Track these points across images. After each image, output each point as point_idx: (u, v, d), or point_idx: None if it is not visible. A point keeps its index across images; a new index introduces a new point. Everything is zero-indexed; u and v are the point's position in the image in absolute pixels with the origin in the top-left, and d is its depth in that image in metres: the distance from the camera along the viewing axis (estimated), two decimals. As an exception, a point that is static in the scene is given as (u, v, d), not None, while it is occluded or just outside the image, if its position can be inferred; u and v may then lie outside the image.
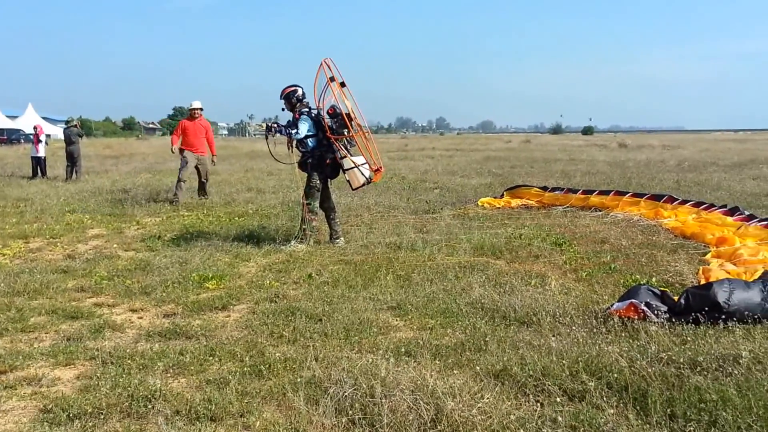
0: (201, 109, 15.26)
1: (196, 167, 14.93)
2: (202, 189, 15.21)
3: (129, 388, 4.18)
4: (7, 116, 78.08)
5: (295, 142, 9.05)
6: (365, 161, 9.15)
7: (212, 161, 15.47)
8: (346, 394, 3.94)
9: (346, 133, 8.95)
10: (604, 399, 3.86)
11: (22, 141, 60.52)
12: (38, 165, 21.72)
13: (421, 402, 3.75)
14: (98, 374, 4.53)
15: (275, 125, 9.13)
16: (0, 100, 79.67)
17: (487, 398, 3.82)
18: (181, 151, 14.86)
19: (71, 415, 3.91)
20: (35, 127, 22.91)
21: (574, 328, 5.07)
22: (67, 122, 22.55)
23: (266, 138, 9.33)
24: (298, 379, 4.28)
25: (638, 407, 3.79)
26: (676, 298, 5.39)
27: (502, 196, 13.93)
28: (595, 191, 12.89)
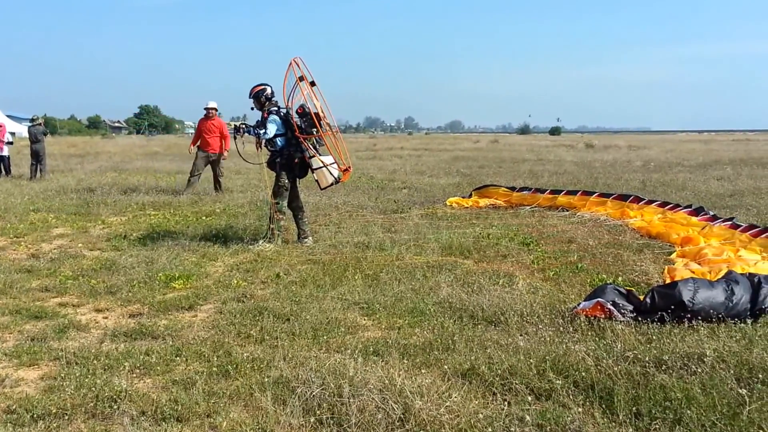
0: (215, 109, 15.82)
1: (211, 164, 15.65)
2: (217, 184, 15.77)
3: (94, 389, 4.12)
4: (-32, 113, 76.56)
5: (263, 142, 9.00)
6: (334, 161, 9.13)
7: (223, 156, 15.93)
8: (314, 393, 3.93)
9: (314, 132, 8.93)
10: (571, 397, 3.90)
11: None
12: (1, 164, 21.30)
13: (389, 401, 3.75)
14: (63, 375, 4.46)
15: (243, 125, 9.09)
16: (-39, 97, 78.23)
17: (455, 397, 3.83)
18: (198, 149, 15.63)
19: (35, 415, 3.86)
20: None
21: (541, 327, 5.11)
22: (32, 120, 22.15)
23: (234, 138, 9.26)
24: (266, 379, 4.26)
25: (604, 406, 3.83)
26: (641, 297, 5.45)
27: (470, 195, 14.00)
28: (563, 191, 13.02)
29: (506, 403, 3.91)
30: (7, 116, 72.67)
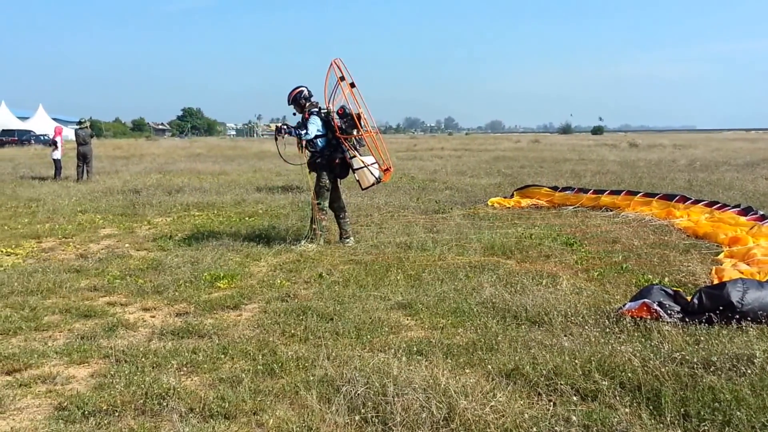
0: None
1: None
2: None
3: (143, 386, 4.20)
4: (18, 117, 78.43)
5: (304, 142, 9.06)
6: (375, 161, 9.16)
7: None
8: (359, 392, 3.95)
9: (355, 132, 8.97)
10: (617, 398, 3.85)
11: (33, 142, 60.76)
12: (56, 166, 21.75)
13: (433, 400, 3.75)
14: (112, 372, 4.55)
15: (285, 126, 9.16)
16: (11, 101, 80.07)
17: (500, 397, 3.82)
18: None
19: (86, 412, 3.94)
20: (55, 129, 22.85)
21: (586, 327, 5.06)
22: (80, 123, 22.61)
23: (276, 139, 9.34)
24: (311, 378, 4.30)
25: (651, 407, 3.78)
26: (689, 298, 5.37)
27: (512, 196, 13.92)
28: (606, 191, 12.87)
29: (552, 403, 3.89)
30: (54, 119, 74.34)
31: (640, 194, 12.12)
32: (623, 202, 11.93)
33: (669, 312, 5.22)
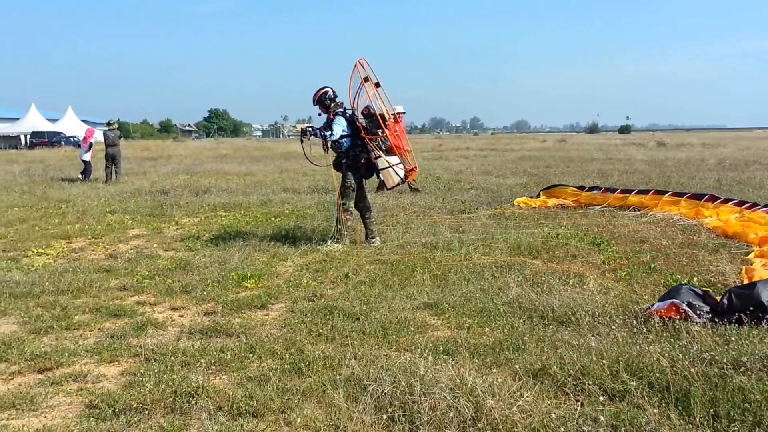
0: (404, 113, 15.50)
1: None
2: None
3: (172, 384, 4.25)
4: (48, 119, 79.50)
5: (329, 143, 9.10)
6: (399, 161, 9.17)
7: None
8: (386, 391, 3.96)
9: (380, 133, 8.99)
10: (646, 399, 3.82)
11: (63, 143, 61.56)
12: (85, 168, 21.99)
13: (460, 400, 3.76)
14: (142, 371, 4.61)
15: (310, 128, 9.20)
16: (41, 103, 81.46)
17: (527, 397, 3.81)
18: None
19: (116, 410, 3.99)
20: (87, 131, 23.04)
21: (613, 327, 5.03)
22: (108, 124, 22.88)
23: (301, 141, 9.37)
24: (338, 377, 4.32)
25: (680, 407, 3.75)
26: (718, 298, 5.32)
27: (538, 195, 13.85)
28: (634, 190, 12.77)
29: (579, 403, 3.87)
30: (83, 121, 75.29)
31: (669, 194, 12.01)
32: (651, 201, 11.82)
33: (698, 312, 5.17)
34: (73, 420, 3.94)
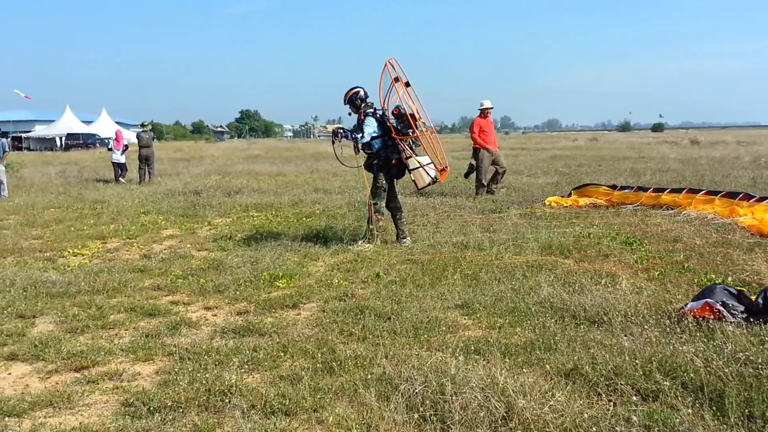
0: (492, 108, 15.94)
1: (493, 161, 15.57)
2: (495, 179, 15.74)
3: (206, 383, 4.30)
4: (83, 121, 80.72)
5: (360, 144, 9.13)
6: (430, 161, 9.17)
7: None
8: (417, 391, 3.97)
9: (410, 133, 8.99)
10: (679, 399, 3.79)
11: (98, 145, 62.48)
12: (118, 169, 22.27)
13: (491, 399, 3.76)
14: (176, 369, 4.68)
15: (341, 130, 9.22)
16: (76, 106, 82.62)
17: (559, 397, 3.80)
18: (476, 150, 15.53)
19: (151, 408, 4.05)
20: (117, 133, 23.26)
21: (646, 327, 4.98)
22: (142, 125, 23.17)
23: (333, 143, 9.38)
24: (369, 376, 4.34)
25: (714, 407, 3.71)
26: (753, 297, 5.24)
27: (569, 194, 13.75)
28: (667, 189, 12.60)
29: (612, 403, 3.85)
30: (117, 122, 76.31)
31: (702, 192, 11.84)
32: (685, 200, 11.66)
33: (732, 312, 5.10)
34: (108, 418, 4.00)
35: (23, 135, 74.15)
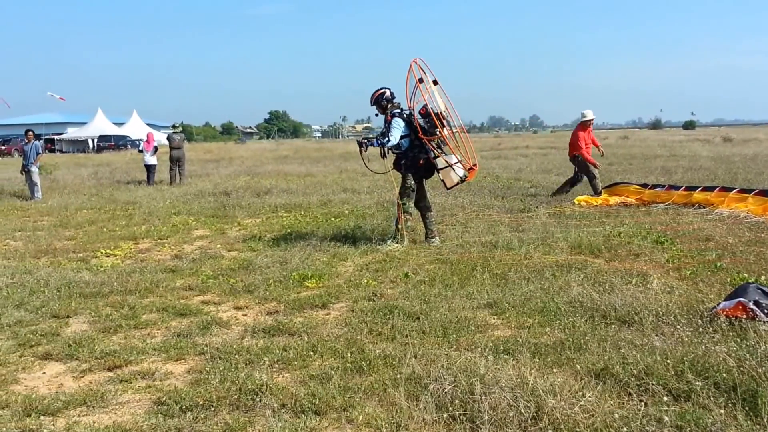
0: (593, 119, 15.20)
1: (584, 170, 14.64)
2: (565, 189, 14.92)
3: (237, 382, 4.35)
4: (114, 123, 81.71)
5: (387, 148, 9.13)
6: (459, 160, 9.15)
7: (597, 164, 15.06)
8: (446, 390, 3.98)
9: (437, 132, 8.98)
10: (712, 399, 3.75)
11: (129, 146, 63.23)
12: (148, 172, 22.42)
13: (521, 399, 3.75)
14: (207, 368, 4.73)
15: (366, 140, 9.21)
16: (108, 108, 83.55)
17: (589, 397, 3.78)
18: (576, 157, 14.67)
19: (183, 407, 4.10)
20: (149, 135, 23.40)
21: (678, 327, 4.93)
22: (173, 127, 23.37)
23: (360, 153, 9.35)
24: (398, 376, 4.35)
25: (747, 408, 3.66)
26: (787, 297, 5.16)
27: (599, 193, 13.64)
28: (699, 187, 12.46)
29: (643, 403, 3.82)
30: (147, 124, 77.16)
31: (735, 190, 11.68)
32: (717, 198, 11.51)
33: (766, 311, 5.03)
34: (141, 417, 4.06)
35: (56, 137, 75.28)
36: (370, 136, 9.39)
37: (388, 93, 9.34)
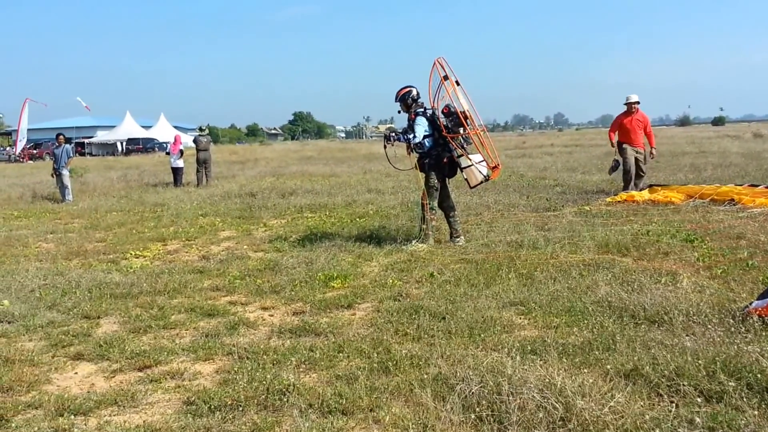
0: (638, 103, 14.57)
1: (635, 162, 14.37)
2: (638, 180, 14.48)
3: (264, 382, 4.37)
4: (142, 126, 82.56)
5: (413, 144, 9.12)
6: (482, 159, 9.11)
7: (651, 154, 14.99)
8: (473, 391, 3.96)
9: (461, 131, 8.95)
10: (745, 400, 3.69)
11: (156, 149, 63.86)
12: (176, 175, 22.58)
13: (549, 400, 3.72)
14: (235, 369, 4.75)
15: (392, 134, 9.24)
16: (135, 111, 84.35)
17: (619, 398, 3.74)
18: (620, 144, 14.43)
19: (212, 407, 4.12)
20: (176, 138, 23.59)
21: (709, 327, 4.85)
22: (200, 129, 23.56)
23: (385, 147, 9.40)
24: (425, 376, 4.34)
25: (781, 409, 3.60)
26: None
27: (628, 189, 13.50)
28: (729, 184, 12.28)
29: (674, 404, 3.77)
30: (174, 127, 77.84)
31: (765, 186, 11.50)
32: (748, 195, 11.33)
33: (800, 311, 4.94)
34: (171, 416, 4.09)
35: (86, 141, 76.31)
36: (397, 130, 9.38)
37: (414, 92, 9.34)
